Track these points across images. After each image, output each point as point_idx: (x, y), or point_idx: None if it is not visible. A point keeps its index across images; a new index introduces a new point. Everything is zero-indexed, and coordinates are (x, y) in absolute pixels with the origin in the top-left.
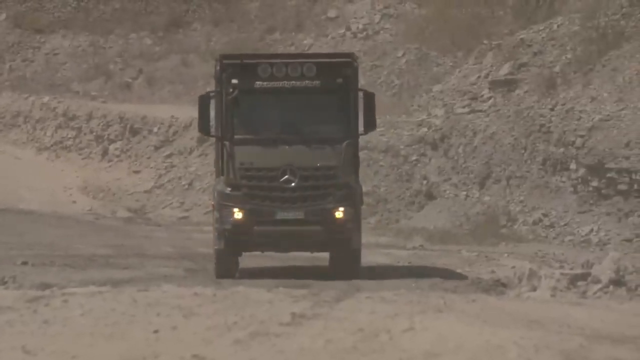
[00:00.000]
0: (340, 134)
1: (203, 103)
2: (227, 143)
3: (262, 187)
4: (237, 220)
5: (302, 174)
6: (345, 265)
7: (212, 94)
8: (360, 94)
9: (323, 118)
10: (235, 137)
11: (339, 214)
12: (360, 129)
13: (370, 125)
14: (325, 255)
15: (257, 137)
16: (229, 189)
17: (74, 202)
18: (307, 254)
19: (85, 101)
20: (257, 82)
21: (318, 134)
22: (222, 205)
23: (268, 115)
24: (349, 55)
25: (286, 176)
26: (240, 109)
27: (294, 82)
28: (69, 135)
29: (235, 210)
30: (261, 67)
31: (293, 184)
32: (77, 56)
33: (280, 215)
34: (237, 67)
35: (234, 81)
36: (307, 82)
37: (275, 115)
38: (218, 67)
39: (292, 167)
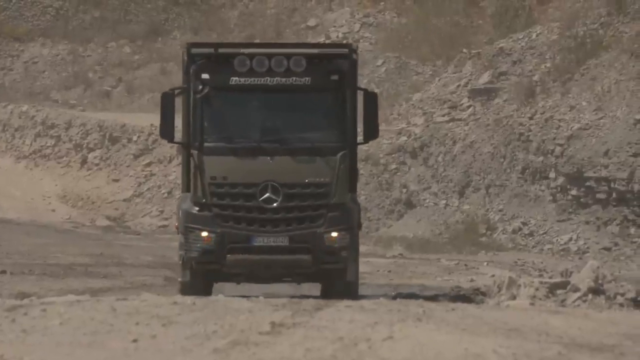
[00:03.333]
0: (335, 143)
1: (166, 102)
2: (195, 152)
3: (237, 207)
4: (206, 248)
5: (286, 191)
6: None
7: (177, 92)
8: (360, 94)
9: (314, 123)
10: (205, 145)
11: (332, 240)
12: (360, 137)
13: (372, 132)
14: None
15: (232, 145)
16: (197, 208)
17: (53, 210)
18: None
19: (64, 109)
20: (233, 78)
21: (307, 143)
22: (188, 228)
23: (246, 119)
24: (346, 46)
25: (267, 194)
26: (212, 111)
27: (278, 78)
28: (48, 144)
29: (204, 234)
30: (238, 59)
31: (275, 204)
32: (56, 64)
33: (259, 241)
34: (208, 59)
35: (205, 76)
36: (294, 78)
37: (254, 119)
38: (186, 58)
39: (275, 183)
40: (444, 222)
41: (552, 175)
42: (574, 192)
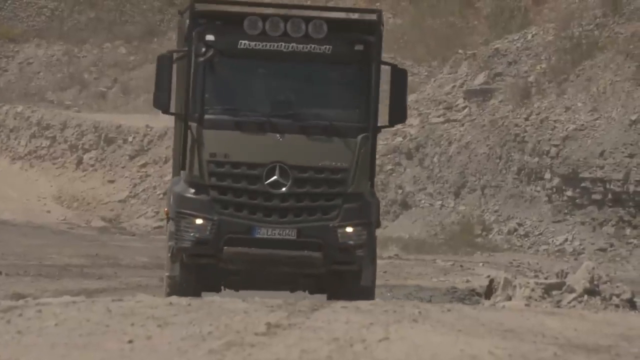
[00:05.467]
0: (355, 124)
1: (162, 67)
2: (193, 125)
3: (238, 191)
4: (201, 237)
5: (296, 175)
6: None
7: (176, 55)
8: (387, 70)
9: (332, 99)
10: (206, 117)
11: (347, 235)
12: (384, 118)
13: (400, 114)
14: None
15: (237, 118)
16: (192, 190)
17: (48, 211)
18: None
19: (59, 110)
20: (242, 41)
21: (324, 121)
22: (180, 213)
23: (254, 89)
24: (375, 11)
25: (274, 177)
26: (215, 78)
27: (294, 44)
28: (43, 145)
29: (199, 222)
30: (249, 20)
31: (283, 189)
32: (52, 65)
33: (263, 233)
34: (214, 18)
35: (209, 38)
36: (313, 45)
37: (264, 89)
38: (187, 18)
39: (284, 165)
40: (440, 222)
41: (547, 176)
42: (569, 193)
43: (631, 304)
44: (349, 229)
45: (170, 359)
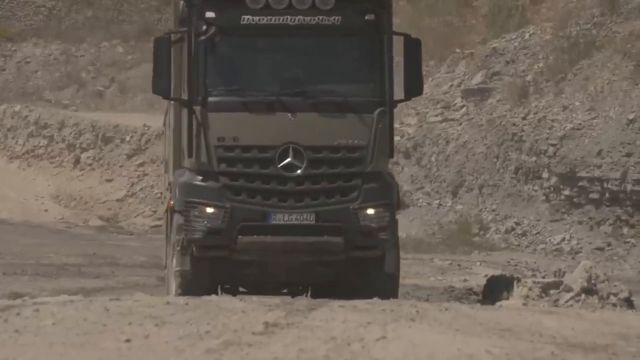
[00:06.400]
0: (371, 98)
1: (160, 50)
2: (197, 108)
3: (250, 176)
4: (213, 226)
5: (311, 156)
6: (376, 296)
7: (174, 37)
8: (399, 40)
9: (344, 73)
10: (210, 99)
11: (369, 217)
12: (399, 92)
13: (416, 86)
14: None
15: (244, 99)
16: (200, 178)
17: (46, 210)
18: None
19: (57, 109)
20: (245, 17)
21: (337, 97)
22: (189, 203)
23: (261, 67)
24: None
25: (288, 159)
26: (218, 58)
27: (301, 17)
28: (41, 144)
29: (210, 210)
30: None
31: (298, 172)
32: (49, 64)
33: (278, 218)
34: None
35: (210, 15)
36: (321, 17)
37: (271, 66)
38: None
39: (297, 146)
40: (437, 222)
41: (545, 175)
42: (566, 192)
43: (628, 303)
44: (370, 211)
45: (167, 358)
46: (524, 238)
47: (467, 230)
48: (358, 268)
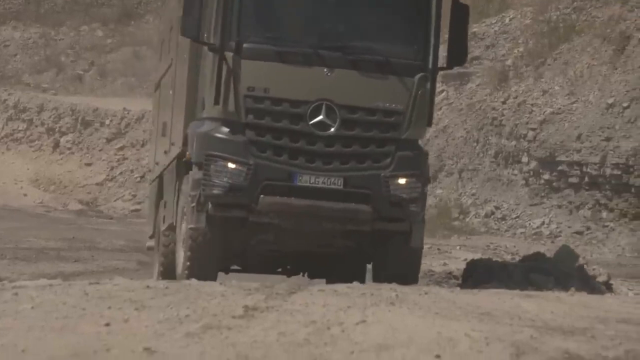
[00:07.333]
0: (413, 61)
1: None
2: (228, 54)
3: (279, 131)
4: (234, 183)
5: (345, 116)
6: (398, 272)
7: None
8: (445, 3)
9: (388, 31)
10: (245, 45)
11: (400, 187)
12: (442, 59)
13: (460, 55)
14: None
15: (279, 48)
16: (225, 129)
17: (25, 194)
18: None
19: (36, 93)
20: None
21: (378, 56)
22: (210, 156)
23: (299, 16)
24: None
25: (320, 117)
26: (256, 2)
27: None
28: (20, 128)
29: (232, 166)
30: None
31: (330, 131)
32: (28, 48)
33: (305, 180)
34: None
35: None
36: None
37: (311, 16)
38: None
39: (331, 103)
40: None
41: (524, 159)
42: (546, 176)
43: (607, 287)
44: (402, 180)
45: (146, 342)
46: (503, 222)
47: (447, 214)
48: (381, 241)
